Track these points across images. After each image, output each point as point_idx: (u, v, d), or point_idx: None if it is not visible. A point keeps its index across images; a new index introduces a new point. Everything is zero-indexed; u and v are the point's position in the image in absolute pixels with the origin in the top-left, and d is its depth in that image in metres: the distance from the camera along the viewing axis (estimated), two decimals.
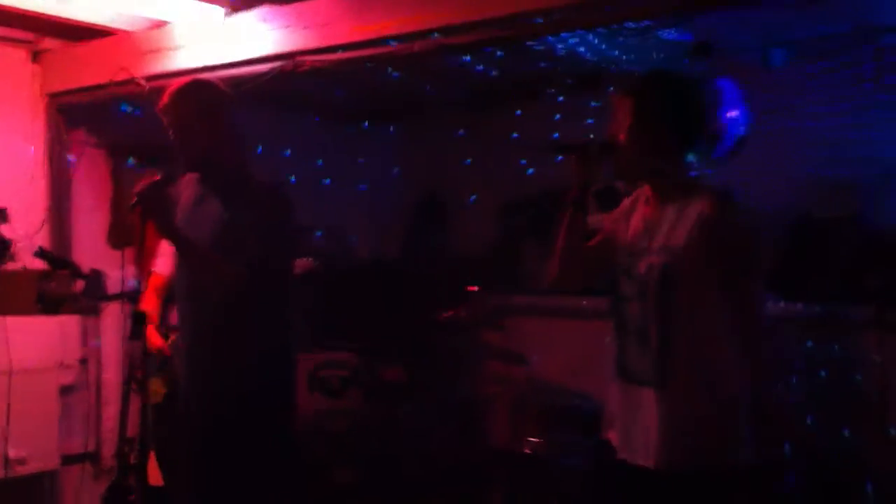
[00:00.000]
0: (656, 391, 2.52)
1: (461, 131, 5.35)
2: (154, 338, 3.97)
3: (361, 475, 4.56)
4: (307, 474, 4.34)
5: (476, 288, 4.40)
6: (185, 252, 3.09)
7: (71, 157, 5.03)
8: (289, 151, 5.19)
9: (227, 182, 3.14)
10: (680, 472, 2.50)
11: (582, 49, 3.58)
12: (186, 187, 3.24)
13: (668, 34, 3.28)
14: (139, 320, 3.11)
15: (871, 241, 3.81)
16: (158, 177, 3.03)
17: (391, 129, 5.89)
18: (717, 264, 2.44)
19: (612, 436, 2.68)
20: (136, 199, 2.96)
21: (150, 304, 4.04)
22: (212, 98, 3.17)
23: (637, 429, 2.57)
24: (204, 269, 3.08)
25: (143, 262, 4.13)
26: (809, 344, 3.73)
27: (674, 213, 2.53)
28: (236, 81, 4.20)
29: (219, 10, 4.21)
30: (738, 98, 3.63)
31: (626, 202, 2.75)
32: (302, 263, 4.90)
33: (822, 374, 3.79)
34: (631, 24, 3.18)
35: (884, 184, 3.80)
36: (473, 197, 5.44)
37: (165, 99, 3.13)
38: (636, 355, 2.58)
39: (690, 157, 2.59)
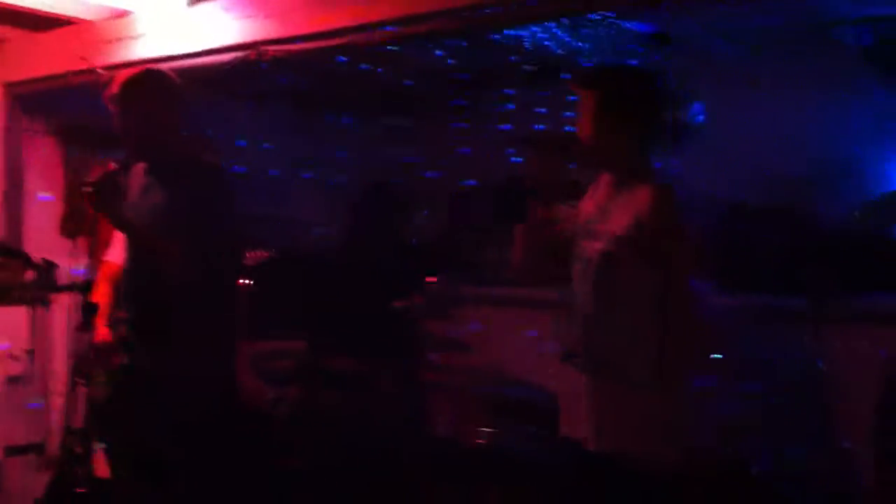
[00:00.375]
0: (589, 377, 2.61)
1: (416, 121, 5.42)
2: (101, 329, 3.97)
3: (306, 463, 4.56)
4: (252, 462, 4.34)
5: (432, 278, 4.46)
6: (134, 240, 3.13)
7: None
8: (244, 141, 5.22)
9: (173, 170, 3.17)
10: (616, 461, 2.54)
11: (544, 40, 3.68)
12: (136, 176, 3.27)
13: (628, 24, 3.39)
14: (89, 311, 3.14)
15: (807, 233, 3.94)
16: (112, 166, 3.07)
17: (345, 117, 5.94)
18: (652, 251, 2.50)
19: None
20: (88, 188, 3.00)
21: (101, 294, 4.03)
22: (161, 88, 3.21)
23: (592, 413, 2.63)
24: (152, 257, 3.12)
25: (95, 251, 4.12)
26: (746, 334, 3.83)
27: (619, 201, 2.62)
28: (199, 71, 4.27)
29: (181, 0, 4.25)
30: (690, 89, 3.76)
31: (589, 191, 2.81)
32: (255, 254, 4.93)
33: (760, 365, 3.88)
34: (592, 16, 3.28)
35: (821, 176, 3.95)
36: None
37: (114, 88, 3.16)
38: (582, 340, 2.65)
39: (647, 147, 2.65)
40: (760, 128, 4.01)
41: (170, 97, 3.21)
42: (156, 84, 3.20)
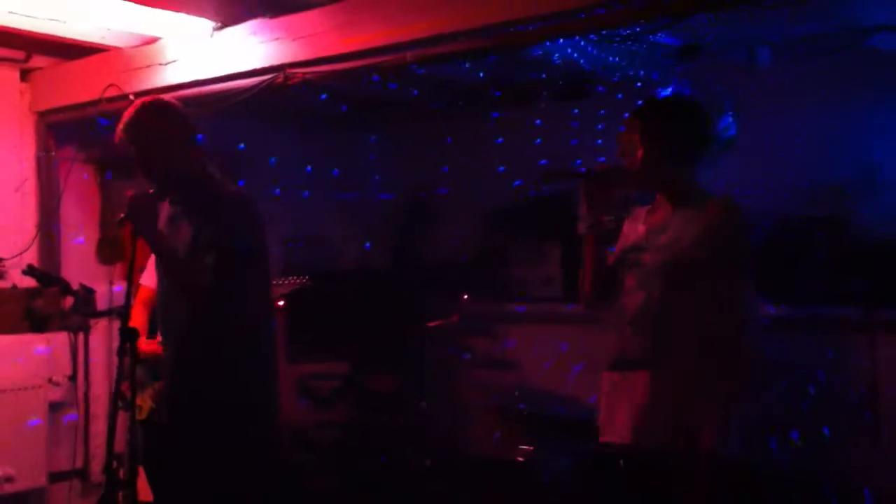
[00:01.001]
0: (650, 373, 2.78)
1: (448, 138, 5.39)
2: (144, 345, 3.98)
3: (348, 485, 4.56)
4: (294, 483, 4.34)
5: (466, 296, 4.43)
6: (170, 265, 3.13)
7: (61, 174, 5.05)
8: (273, 161, 5.22)
9: (192, 199, 3.19)
10: (659, 450, 2.74)
11: (574, 54, 3.63)
12: (164, 205, 3.28)
13: (657, 37, 3.35)
14: (128, 337, 3.14)
15: (854, 243, 3.87)
16: (151, 191, 3.08)
17: (377, 136, 5.92)
18: (718, 263, 2.75)
19: (600, 422, 2.92)
20: (126, 213, 3.00)
21: (138, 318, 4.05)
22: (170, 116, 3.22)
23: (622, 409, 2.82)
24: (186, 283, 3.12)
25: (132, 276, 4.14)
26: (797, 345, 3.76)
27: (682, 216, 2.84)
28: (227, 94, 4.27)
29: (208, 25, 4.25)
30: (727, 100, 3.70)
31: (641, 210, 3.04)
32: (293, 282, 4.93)
33: (811, 376, 3.82)
34: (622, 31, 3.25)
35: (869, 185, 3.87)
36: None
37: (124, 121, 3.17)
38: (633, 343, 2.84)
39: (695, 167, 2.91)
40: (803, 137, 3.95)
41: (179, 125, 3.22)
42: (162, 112, 3.21)
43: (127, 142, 3.18)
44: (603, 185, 2.94)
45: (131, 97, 4.44)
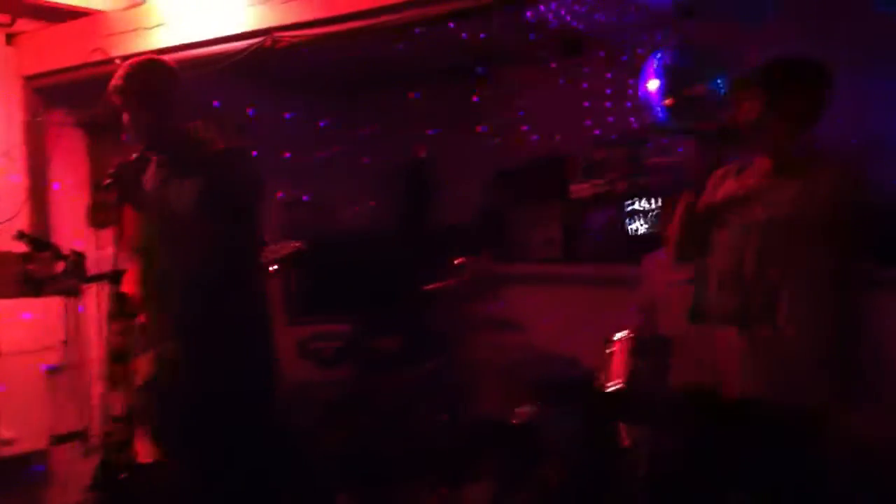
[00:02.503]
0: (740, 330, 2.74)
1: (449, 100, 5.38)
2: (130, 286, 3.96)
3: (352, 444, 4.62)
4: (297, 442, 4.40)
5: (466, 258, 4.46)
6: (158, 226, 3.12)
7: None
8: (269, 125, 5.21)
9: (185, 158, 3.15)
10: (761, 402, 2.71)
11: (567, 15, 3.61)
12: (153, 167, 3.25)
13: None
14: (120, 301, 3.16)
15: None
16: (132, 157, 3.07)
17: (378, 98, 5.90)
18: (826, 233, 2.68)
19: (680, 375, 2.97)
20: (110, 179, 3.00)
21: (130, 282, 4.06)
22: (157, 78, 3.17)
23: (713, 365, 2.82)
24: (176, 246, 3.10)
25: (121, 240, 4.14)
26: None
27: (790, 180, 2.75)
28: (214, 58, 4.25)
29: None
30: (723, 63, 3.68)
31: (719, 171, 2.97)
32: (289, 245, 4.95)
33: None
34: None
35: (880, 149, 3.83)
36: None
37: (117, 80, 3.13)
38: (718, 298, 2.82)
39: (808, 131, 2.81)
40: None
41: (172, 84, 3.18)
42: (156, 71, 3.18)
43: (117, 102, 3.15)
44: (715, 144, 2.91)
45: (117, 61, 4.42)
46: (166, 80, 3.17)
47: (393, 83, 5.63)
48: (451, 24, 3.96)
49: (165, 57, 3.40)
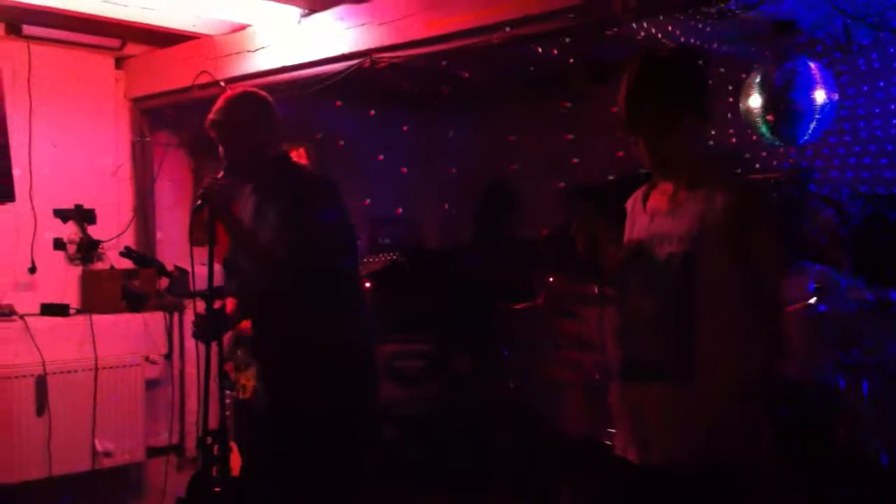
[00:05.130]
0: (675, 385, 2.40)
1: (530, 117, 5.37)
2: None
3: (432, 459, 4.61)
4: (382, 458, 4.42)
5: (552, 277, 4.42)
6: (248, 248, 3.18)
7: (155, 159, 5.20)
8: (358, 143, 5.28)
9: (279, 182, 3.21)
10: (705, 470, 2.39)
11: (659, 33, 3.57)
12: (245, 195, 3.32)
13: (751, 14, 3.25)
14: (215, 318, 3.20)
15: None
16: (221, 175, 3.13)
17: (461, 116, 5.92)
18: (739, 252, 2.37)
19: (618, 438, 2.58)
20: (201, 199, 3.07)
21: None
22: (259, 107, 3.24)
23: (654, 427, 2.46)
24: (265, 265, 3.15)
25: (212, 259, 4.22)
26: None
27: (692, 201, 2.45)
28: (314, 80, 4.34)
29: (296, 11, 4.31)
30: (821, 77, 3.60)
31: (629, 201, 2.73)
32: (382, 258, 4.99)
33: None
34: (712, 8, 3.17)
35: None
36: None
37: (214, 114, 3.21)
38: (649, 351, 2.47)
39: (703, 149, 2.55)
40: None
41: (267, 116, 3.25)
42: (252, 104, 3.24)
43: (213, 136, 3.24)
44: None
45: (222, 83, 4.55)
46: (259, 112, 3.24)
47: (477, 98, 5.65)
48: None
49: (259, 82, 3.48)
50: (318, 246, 3.08)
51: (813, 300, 3.76)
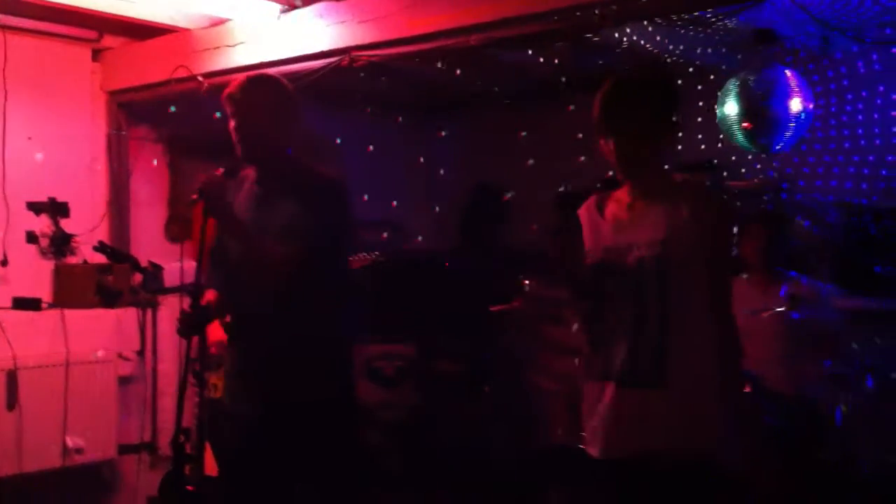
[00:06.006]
0: (654, 384, 2.49)
1: (517, 123, 5.35)
2: (216, 332, 4.00)
3: (413, 466, 4.58)
4: (361, 462, 4.38)
5: (532, 281, 4.40)
6: (246, 245, 3.11)
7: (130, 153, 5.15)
8: (345, 145, 5.25)
9: (288, 177, 3.13)
10: (680, 467, 2.48)
11: (641, 40, 3.56)
12: (245, 182, 3.22)
13: (730, 22, 3.25)
14: (200, 315, 3.16)
15: None
16: (220, 171, 3.08)
17: (447, 121, 5.91)
18: (706, 255, 2.49)
19: (593, 437, 2.65)
20: (198, 194, 2.99)
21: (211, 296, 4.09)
22: (281, 93, 3.14)
23: (631, 428, 2.53)
24: (263, 262, 3.08)
25: (203, 256, 4.19)
26: (875, 339, 3.67)
27: (657, 208, 2.55)
28: (293, 77, 4.29)
29: (275, 7, 4.28)
30: (798, 86, 3.60)
31: (582, 209, 2.78)
32: (364, 257, 4.96)
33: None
34: (690, 15, 3.17)
35: None
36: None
37: (233, 89, 3.09)
38: (628, 356, 2.54)
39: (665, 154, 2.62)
40: (881, 126, 3.79)
41: (287, 104, 3.14)
42: (274, 88, 3.13)
43: (228, 110, 3.11)
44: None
45: (199, 78, 4.51)
46: (280, 97, 3.13)
47: (464, 106, 5.63)
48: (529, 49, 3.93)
49: (244, 76, 3.42)
50: (322, 247, 3.04)
51: (784, 308, 3.77)
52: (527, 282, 4.39)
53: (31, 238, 4.81)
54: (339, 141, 5.15)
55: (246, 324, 3.28)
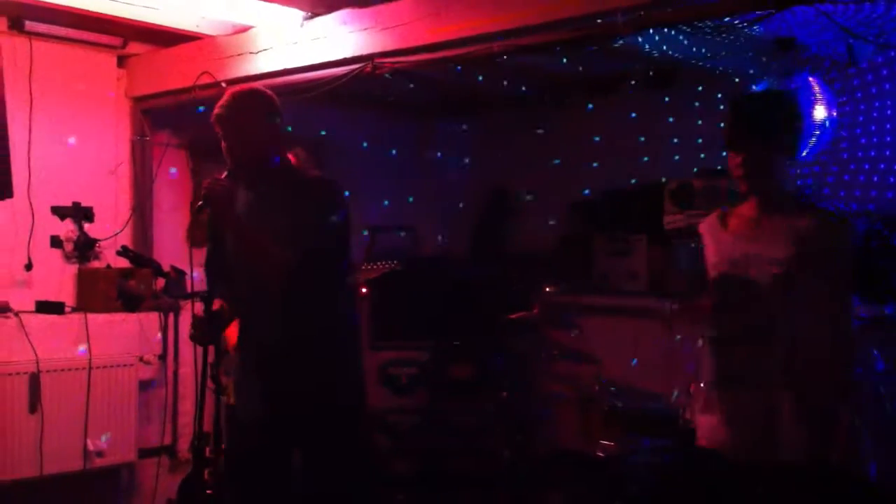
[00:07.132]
0: (784, 391, 2.66)
1: (532, 127, 5.36)
2: (233, 336, 4.03)
3: (425, 470, 4.58)
4: (374, 467, 4.40)
5: (549, 287, 4.40)
6: (249, 247, 3.14)
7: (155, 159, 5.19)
8: (357, 148, 5.27)
9: (277, 185, 3.19)
10: (812, 469, 2.65)
11: (662, 44, 3.56)
12: (242, 191, 3.27)
13: (752, 30, 3.25)
14: (213, 321, 3.18)
15: None
16: (224, 175, 3.11)
17: (461, 125, 5.91)
18: (829, 272, 2.66)
19: (716, 439, 2.79)
20: (202, 200, 3.04)
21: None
22: (261, 106, 3.21)
23: (755, 429, 2.70)
24: (265, 264, 3.12)
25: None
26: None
27: (783, 223, 2.71)
28: (316, 83, 4.32)
29: (298, 14, 4.30)
30: (822, 94, 3.59)
31: (704, 224, 2.94)
32: (382, 266, 4.97)
33: None
34: (712, 22, 3.17)
35: None
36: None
37: (217, 110, 3.18)
38: (745, 361, 2.73)
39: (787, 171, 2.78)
40: None
41: (267, 116, 3.21)
42: (253, 103, 3.20)
43: (217, 131, 3.20)
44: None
45: (223, 85, 4.53)
46: (265, 111, 3.21)
47: (478, 109, 5.63)
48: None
49: (260, 84, 3.47)
50: (321, 248, 3.08)
51: None
52: (548, 289, 4.38)
53: (56, 242, 4.86)
54: (365, 145, 5.17)
55: (250, 326, 3.31)
